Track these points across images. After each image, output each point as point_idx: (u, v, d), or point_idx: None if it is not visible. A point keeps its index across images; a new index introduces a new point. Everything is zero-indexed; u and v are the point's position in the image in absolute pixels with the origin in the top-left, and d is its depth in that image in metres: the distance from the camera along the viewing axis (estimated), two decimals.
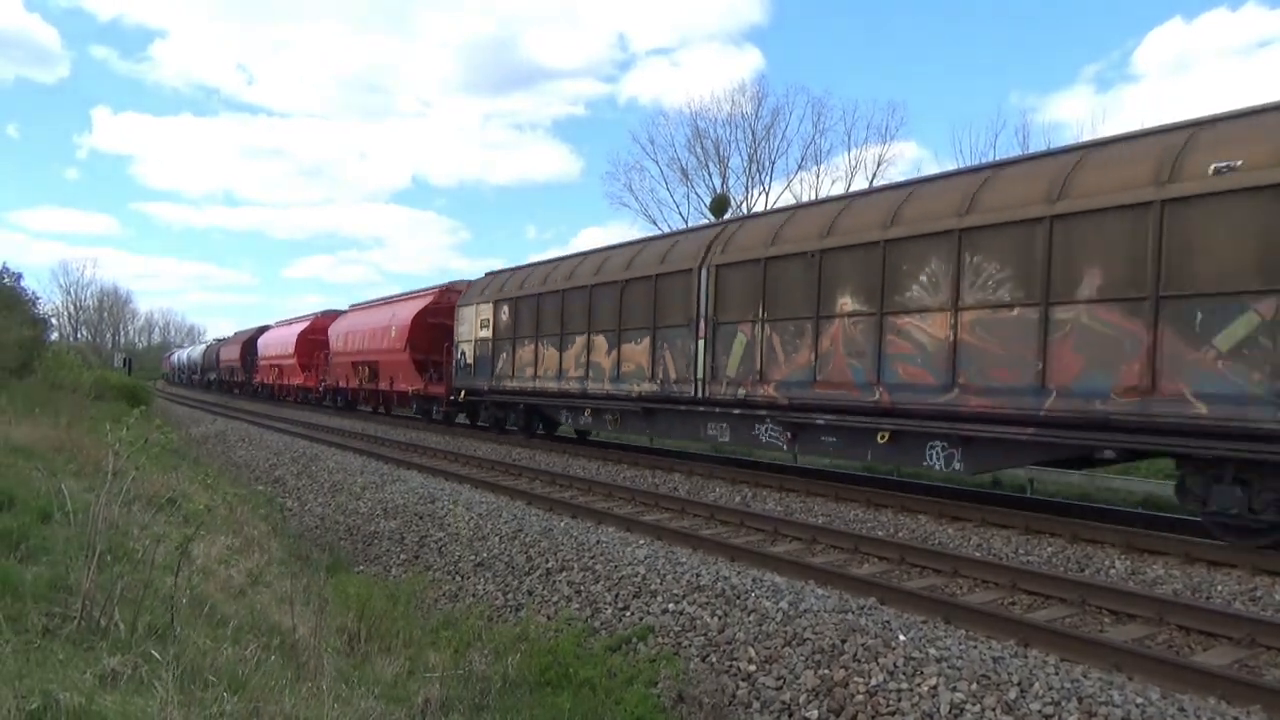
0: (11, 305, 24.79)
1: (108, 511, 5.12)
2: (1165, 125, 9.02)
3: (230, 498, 10.00)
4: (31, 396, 16.44)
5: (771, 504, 14.04)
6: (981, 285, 9.91)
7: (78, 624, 4.13)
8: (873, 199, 12.13)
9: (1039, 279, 9.27)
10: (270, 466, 19.24)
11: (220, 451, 22.71)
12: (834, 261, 11.76)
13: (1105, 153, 9.29)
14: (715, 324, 13.91)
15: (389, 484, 14.92)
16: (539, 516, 11.77)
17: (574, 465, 19.15)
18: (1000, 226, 9.65)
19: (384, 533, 12.27)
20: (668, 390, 15.33)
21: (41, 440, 11.09)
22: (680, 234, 16.53)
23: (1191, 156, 8.32)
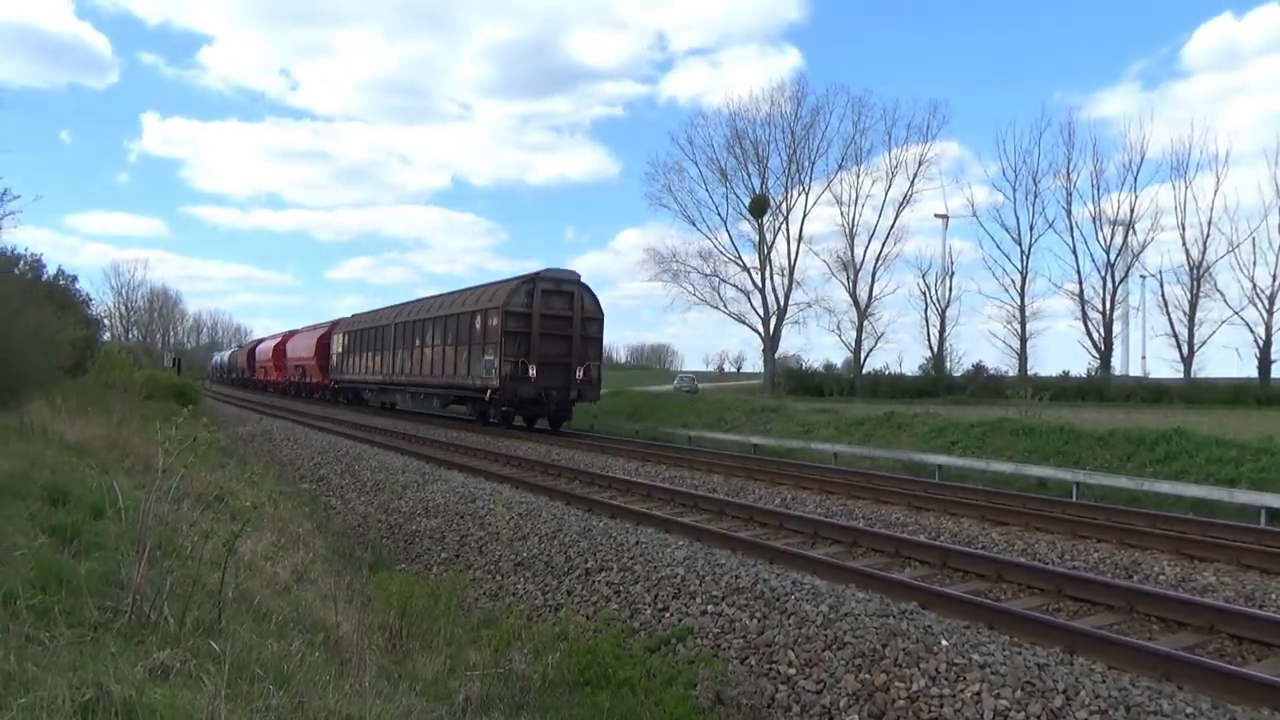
0: (66, 306, 25.40)
1: (157, 508, 5.23)
2: (456, 290, 29.52)
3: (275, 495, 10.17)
4: (85, 395, 16.83)
5: (812, 506, 13.96)
6: (428, 341, 28.98)
7: (129, 618, 4.21)
8: (418, 303, 32.71)
9: (446, 335, 27.54)
10: (314, 465, 19.51)
11: (266, 450, 23.08)
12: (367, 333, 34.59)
13: (441, 298, 30.40)
14: (351, 348, 35.00)
15: (430, 483, 15.06)
16: (578, 517, 11.80)
17: (613, 466, 19.18)
18: (417, 322, 30.33)
19: (425, 531, 12.38)
20: (389, 379, 34.13)
21: (94, 438, 11.35)
22: (383, 309, 37.20)
23: (475, 301, 26.75)
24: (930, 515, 12.94)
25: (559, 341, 25.33)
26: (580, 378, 25.45)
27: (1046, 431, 19.63)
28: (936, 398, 43.37)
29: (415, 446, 22.31)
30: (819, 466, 18.71)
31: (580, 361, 25.48)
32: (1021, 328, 53.50)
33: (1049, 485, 16.21)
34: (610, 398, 37.61)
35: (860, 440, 22.43)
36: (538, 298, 25.07)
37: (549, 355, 25.07)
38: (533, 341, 24.83)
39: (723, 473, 17.63)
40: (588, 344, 25.92)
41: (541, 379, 24.87)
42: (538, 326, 24.92)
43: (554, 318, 25.23)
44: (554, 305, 25.29)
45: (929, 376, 53.43)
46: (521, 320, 24.84)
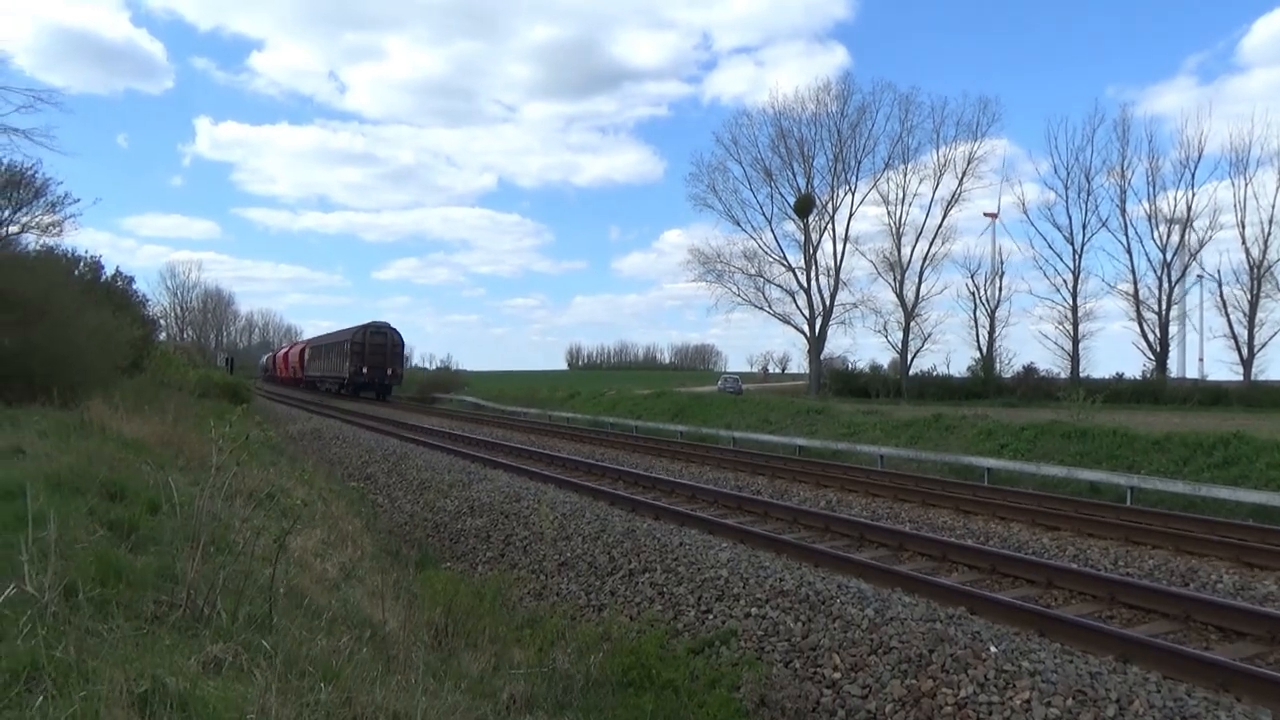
0: (124, 307, 26.02)
1: (211, 505, 5.34)
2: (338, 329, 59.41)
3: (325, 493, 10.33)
4: (141, 393, 17.24)
5: (857, 509, 13.85)
6: (327, 356, 53.99)
7: (183, 612, 4.31)
8: (329, 334, 60.08)
9: (343, 356, 48.99)
10: (362, 464, 19.80)
11: (316, 448, 23.46)
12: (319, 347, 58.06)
13: (334, 333, 57.62)
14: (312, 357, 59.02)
15: (476, 482, 15.19)
16: (622, 517, 11.82)
17: (657, 467, 19.19)
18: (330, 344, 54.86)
19: (471, 530, 12.50)
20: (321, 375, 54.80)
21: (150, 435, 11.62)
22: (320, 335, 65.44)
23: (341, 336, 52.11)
24: (979, 519, 12.78)
25: (379, 356, 48.94)
26: (390, 374, 49.35)
27: (1099, 435, 19.28)
28: (985, 400, 42.70)
29: (461, 446, 22.53)
30: (865, 469, 18.54)
31: (390, 366, 49.36)
32: (1074, 329, 52.46)
33: (1102, 490, 15.90)
34: (654, 400, 37.66)
35: (907, 443, 22.19)
36: (368, 335, 49.06)
37: (373, 363, 48.80)
38: (365, 356, 48.60)
39: (767, 475, 17.55)
40: (394, 359, 49.81)
41: (369, 375, 48.81)
42: (368, 349, 48.70)
43: (376, 345, 48.94)
44: (376, 340, 49.16)
45: (978, 378, 52.63)
46: (359, 346, 48.68)
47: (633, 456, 21.32)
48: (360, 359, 49.09)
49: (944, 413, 25.47)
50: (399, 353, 50.56)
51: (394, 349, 50.08)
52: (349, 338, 50.11)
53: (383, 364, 49.25)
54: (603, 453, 22.25)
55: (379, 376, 49.34)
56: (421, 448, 21.51)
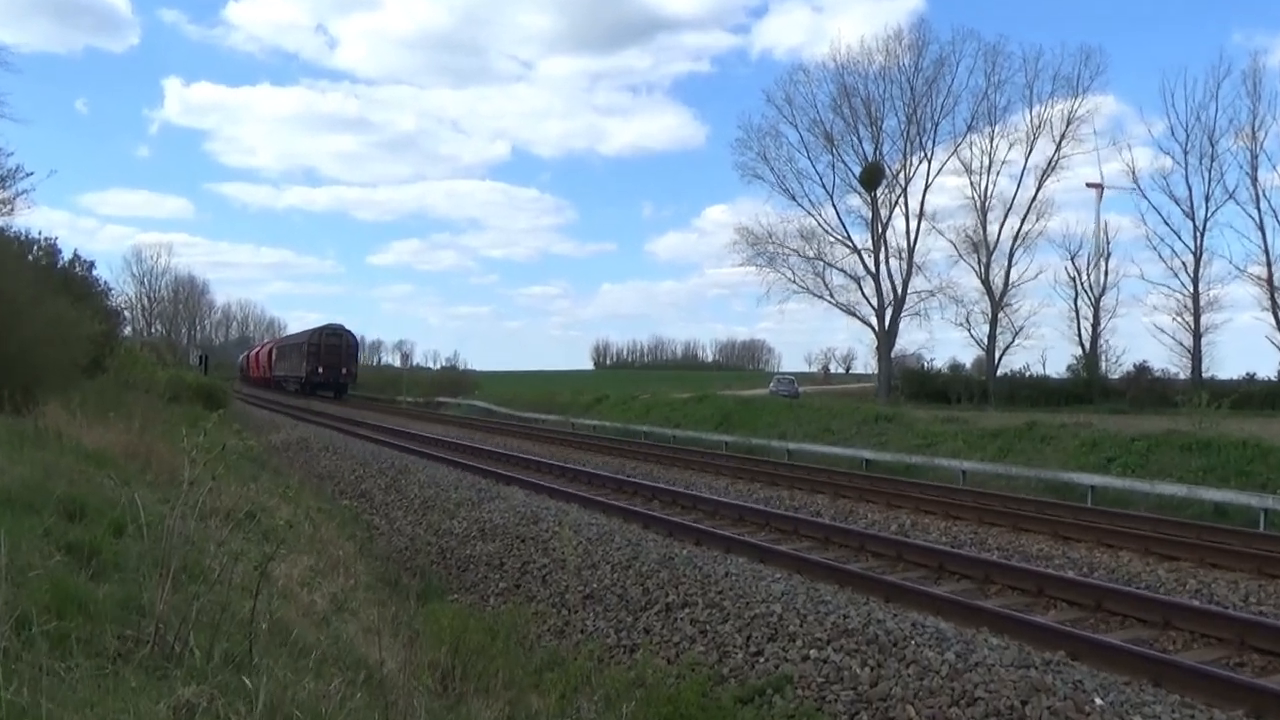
0: (84, 297, 26.42)
1: (183, 525, 5.41)
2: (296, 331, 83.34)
3: (313, 513, 10.45)
4: (103, 397, 17.53)
5: (935, 534, 13.79)
6: (288, 356, 67.76)
7: (151, 648, 4.37)
8: (289, 335, 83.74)
9: (301, 356, 62.72)
10: (356, 479, 19.99)
11: (302, 461, 23.74)
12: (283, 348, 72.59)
13: (293, 335, 79.78)
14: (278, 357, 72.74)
15: (487, 501, 15.28)
16: (657, 542, 11.84)
17: (698, 484, 19.20)
18: (291, 345, 69.96)
19: (481, 557, 12.58)
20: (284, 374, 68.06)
21: (114, 445, 11.81)
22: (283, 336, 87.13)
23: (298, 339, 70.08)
24: (1081, 547, 12.68)
25: (334, 356, 60.58)
26: (344, 374, 61.18)
27: (1227, 447, 19.00)
28: (1089, 405, 42.23)
29: (470, 459, 22.69)
30: (944, 487, 18.42)
31: (344, 366, 61.26)
32: (1195, 321, 51.61)
33: (1229, 513, 15.68)
34: (695, 404, 37.67)
35: (995, 456, 22.02)
36: (324, 337, 61.16)
37: (328, 363, 60.27)
38: (321, 357, 60.12)
39: (828, 493, 17.52)
40: (349, 359, 62.27)
41: (324, 374, 60.17)
42: (323, 350, 60.41)
43: (331, 346, 60.71)
44: (331, 341, 61.00)
45: (1079, 379, 52.05)
46: (314, 347, 60.60)
47: (670, 471, 21.35)
48: (316, 359, 60.59)
49: (1039, 420, 25.21)
50: (353, 353, 64.87)
51: (348, 350, 63.27)
52: (306, 339, 63.41)
53: (337, 364, 61.16)
54: (634, 467, 22.29)
55: (334, 376, 61.01)
56: (424, 460, 21.69)
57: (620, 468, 22.00)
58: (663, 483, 18.91)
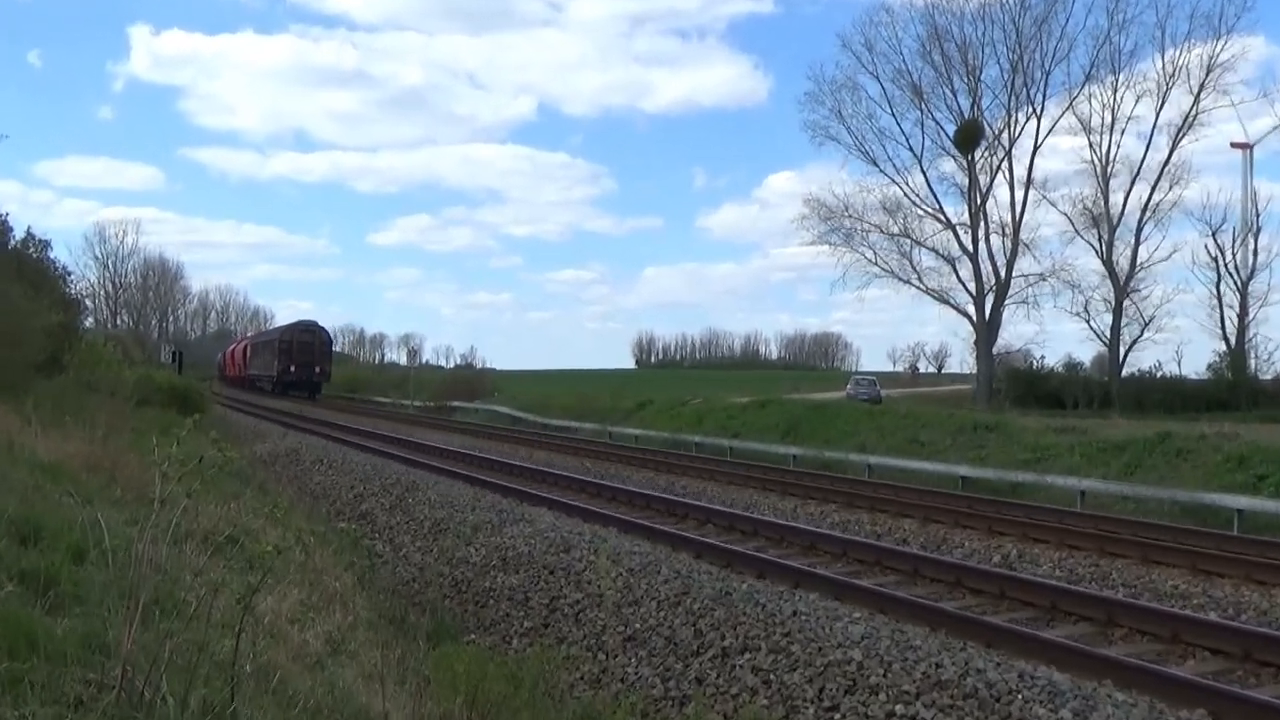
0: (38, 283, 26.81)
1: (154, 551, 5.47)
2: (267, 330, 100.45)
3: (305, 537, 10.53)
4: (62, 400, 17.81)
5: (1047, 566, 13.69)
6: (261, 354, 76.90)
7: (117, 695, 4.42)
8: (262, 332, 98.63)
9: (273, 355, 70.65)
10: (355, 497, 20.16)
11: (293, 475, 23.96)
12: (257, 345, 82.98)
13: (266, 331, 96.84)
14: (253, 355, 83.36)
15: (509, 524, 15.34)
16: (712, 575, 11.81)
17: (761, 504, 19.15)
18: (264, 342, 79.76)
19: (502, 590, 12.62)
20: (258, 373, 77.06)
21: (73, 456, 11.99)
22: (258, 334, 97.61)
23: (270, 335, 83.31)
24: (1225, 584, 12.50)
25: (307, 355, 67.51)
26: (318, 373, 68.36)
27: None
28: (1235, 412, 41.58)
29: (489, 474, 22.80)
30: (1057, 510, 18.22)
31: (318, 365, 68.43)
32: None
33: None
34: (757, 411, 37.60)
35: (1120, 473, 21.75)
36: (296, 334, 68.99)
37: (301, 362, 66.97)
38: (293, 355, 67.07)
39: (917, 517, 17.41)
40: (322, 357, 69.49)
41: (297, 373, 66.91)
42: (295, 348, 67.32)
43: (304, 344, 67.74)
44: (304, 338, 68.43)
45: (1222, 381, 51.26)
46: (287, 344, 67.80)
47: (727, 490, 21.31)
48: (289, 357, 67.96)
49: (1174, 430, 24.86)
50: (327, 351, 72.70)
51: (322, 347, 71.02)
52: (278, 336, 72.38)
53: (310, 362, 68.51)
54: (685, 484, 22.29)
55: (307, 375, 68.35)
56: (436, 475, 21.81)
57: (668, 486, 21.99)
58: (718, 504, 18.87)
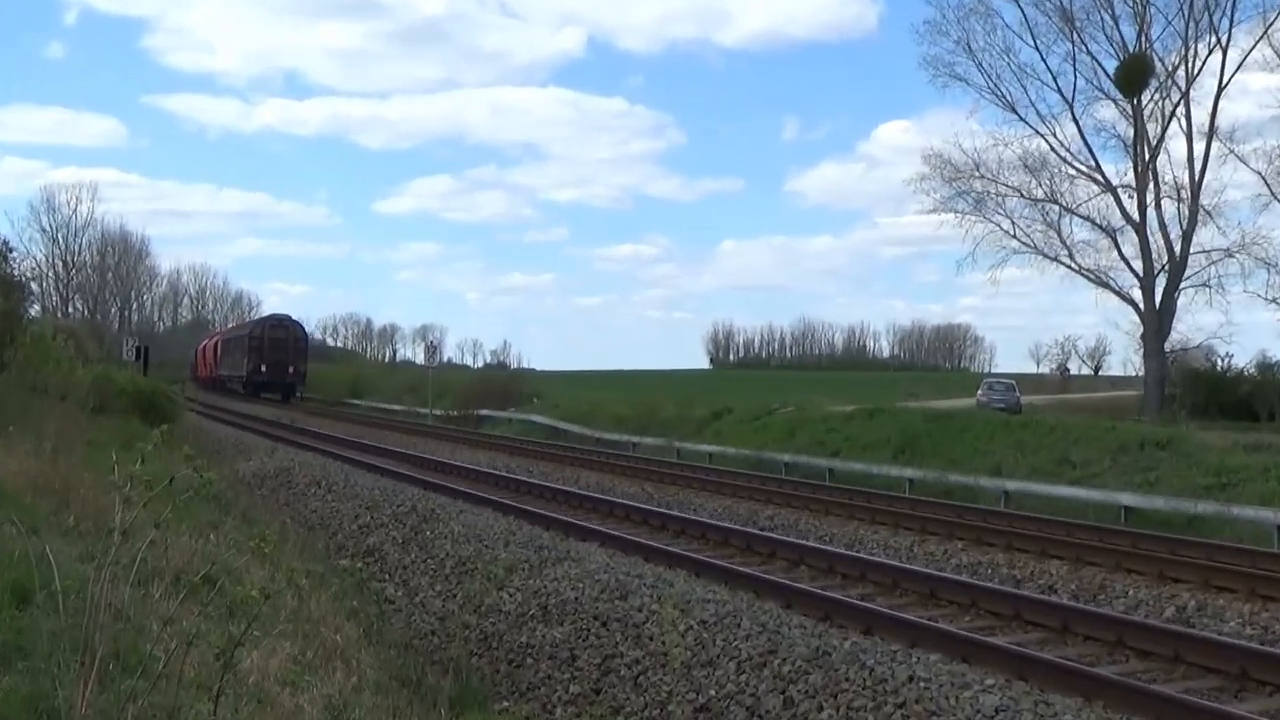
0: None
1: (113, 593, 5.54)
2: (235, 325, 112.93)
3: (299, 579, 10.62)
4: (3, 405, 18.08)
5: (1234, 623, 13.49)
6: (232, 352, 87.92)
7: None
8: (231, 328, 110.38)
9: (244, 352, 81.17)
10: (361, 529, 20.30)
11: (284, 501, 24.18)
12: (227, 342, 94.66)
13: (234, 326, 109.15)
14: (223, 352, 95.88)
15: (552, 564, 15.37)
16: (806, 630, 11.77)
17: (868, 540, 19.06)
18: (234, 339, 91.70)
19: (543, 646, 12.65)
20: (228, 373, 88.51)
21: (16, 475, 12.14)
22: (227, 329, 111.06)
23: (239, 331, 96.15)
24: None
25: (279, 353, 76.47)
26: (291, 373, 76.83)
27: None
28: None
29: (527, 500, 22.87)
30: (1249, 550, 17.93)
31: (291, 364, 76.91)
32: None
33: None
34: (863, 422, 37.34)
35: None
36: (267, 329, 78.51)
37: (272, 360, 76.02)
38: (264, 353, 76.24)
39: (1067, 559, 17.22)
40: (296, 355, 78.19)
41: (268, 373, 76.13)
42: (267, 345, 76.53)
43: (277, 340, 77.05)
44: (276, 334, 77.61)
45: None
46: (257, 341, 77.10)
47: (825, 523, 21.21)
48: (259, 356, 76.10)
49: None
50: (301, 349, 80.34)
51: (296, 344, 78.87)
52: (248, 331, 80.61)
53: (283, 361, 76.39)
54: (771, 515, 22.22)
55: (279, 375, 76.42)
56: (460, 502, 21.91)
57: (750, 516, 21.94)
58: (814, 540, 18.81)
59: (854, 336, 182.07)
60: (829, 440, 36.04)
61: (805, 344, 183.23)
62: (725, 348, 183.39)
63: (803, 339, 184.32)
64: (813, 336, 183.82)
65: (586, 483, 27.44)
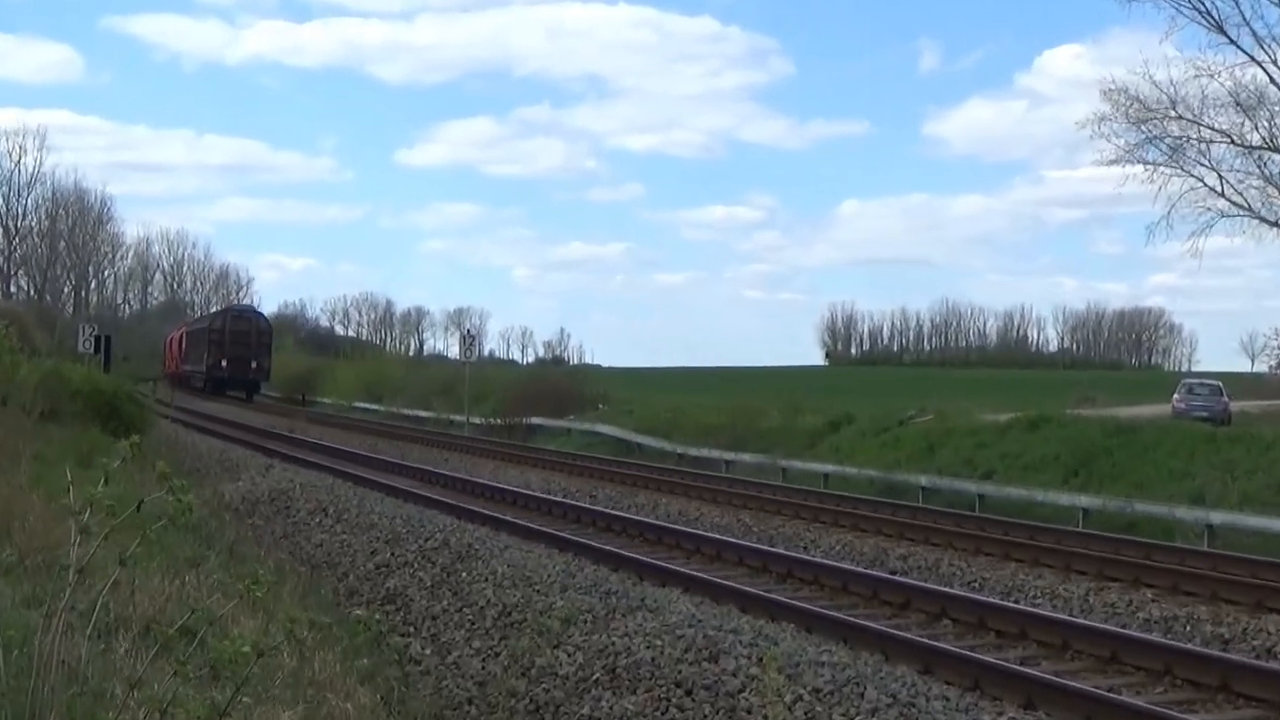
0: None
1: (67, 647, 5.61)
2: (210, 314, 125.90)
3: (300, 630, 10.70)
4: None
5: None
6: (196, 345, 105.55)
7: None
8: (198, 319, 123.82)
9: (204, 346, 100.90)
10: (378, 568, 20.41)
11: (281, 532, 24.33)
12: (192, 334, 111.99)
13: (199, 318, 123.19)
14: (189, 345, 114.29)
15: (621, 614, 15.39)
16: (949, 702, 11.74)
17: (1030, 587, 18.93)
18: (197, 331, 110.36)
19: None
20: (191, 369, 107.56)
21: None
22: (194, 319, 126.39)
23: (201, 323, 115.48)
24: None
25: (241, 347, 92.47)
26: (254, 369, 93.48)
27: None
28: None
29: (588, 533, 22.95)
30: None
31: (254, 359, 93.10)
32: None
33: None
34: (1024, 435, 37.14)
35: None
36: (229, 321, 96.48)
37: (234, 355, 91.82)
38: (225, 347, 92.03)
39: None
40: (260, 350, 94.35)
41: (229, 369, 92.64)
42: (228, 339, 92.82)
43: (239, 333, 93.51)
44: (239, 326, 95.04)
45: None
46: (218, 334, 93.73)
47: (973, 565, 21.12)
48: (220, 350, 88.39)
49: None
50: (265, 343, 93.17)
51: (259, 338, 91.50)
52: (207, 324, 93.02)
53: (245, 356, 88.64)
54: (904, 554, 22.14)
55: (241, 371, 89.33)
56: (504, 534, 22.00)
57: (877, 556, 21.87)
58: (959, 587, 18.73)
59: (1011, 324, 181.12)
60: (979, 458, 35.92)
61: (948, 334, 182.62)
62: (845, 338, 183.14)
63: (945, 327, 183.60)
64: (958, 324, 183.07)
65: (666, 512, 27.46)
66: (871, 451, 38.79)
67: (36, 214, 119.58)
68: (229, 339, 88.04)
